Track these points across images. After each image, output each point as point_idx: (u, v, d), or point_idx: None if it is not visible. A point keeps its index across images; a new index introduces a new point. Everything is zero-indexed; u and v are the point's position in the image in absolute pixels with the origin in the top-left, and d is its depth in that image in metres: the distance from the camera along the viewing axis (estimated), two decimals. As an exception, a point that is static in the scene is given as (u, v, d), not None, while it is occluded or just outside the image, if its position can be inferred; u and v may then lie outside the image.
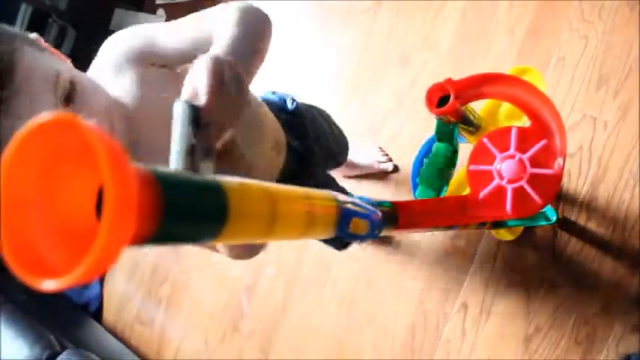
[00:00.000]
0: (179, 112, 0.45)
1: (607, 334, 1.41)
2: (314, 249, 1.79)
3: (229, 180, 0.33)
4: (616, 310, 1.40)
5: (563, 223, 1.44)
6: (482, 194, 0.58)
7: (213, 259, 1.97)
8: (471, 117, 0.72)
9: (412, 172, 0.83)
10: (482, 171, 0.58)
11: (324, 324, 1.77)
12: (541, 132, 0.57)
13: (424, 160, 0.71)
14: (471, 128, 0.73)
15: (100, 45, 0.76)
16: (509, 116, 0.81)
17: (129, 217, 0.23)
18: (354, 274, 1.73)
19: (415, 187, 0.78)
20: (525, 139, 0.56)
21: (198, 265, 2.01)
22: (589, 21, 1.44)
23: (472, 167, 0.59)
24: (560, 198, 1.44)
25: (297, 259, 1.83)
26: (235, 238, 0.33)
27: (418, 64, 1.66)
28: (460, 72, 1.60)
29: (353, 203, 0.44)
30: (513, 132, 0.56)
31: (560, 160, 0.55)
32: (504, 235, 1.36)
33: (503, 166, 0.56)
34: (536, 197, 0.54)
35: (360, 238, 0.45)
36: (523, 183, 0.55)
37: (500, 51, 1.54)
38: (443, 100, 0.65)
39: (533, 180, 0.55)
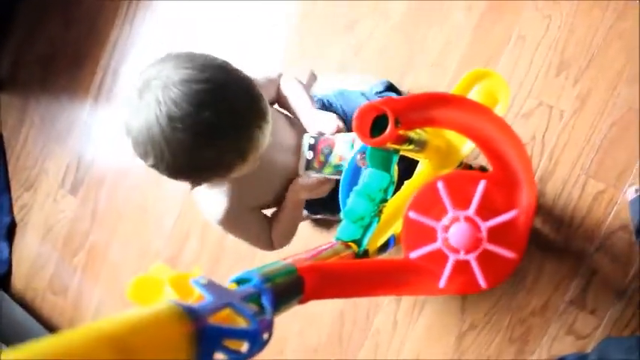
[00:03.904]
0: (307, 139, 0.96)
1: (542, 334, 1.35)
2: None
3: None
4: (553, 311, 1.34)
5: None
6: (415, 254, 0.45)
7: (133, 228, 1.81)
8: (413, 135, 0.57)
9: (341, 195, 0.69)
10: (425, 225, 0.44)
11: (250, 305, 1.66)
12: (505, 182, 0.44)
13: (353, 190, 0.57)
14: (414, 147, 0.59)
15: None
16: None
17: None
18: (284, 253, 1.61)
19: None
20: (490, 197, 0.42)
21: (118, 234, 1.84)
22: (555, 0, 1.31)
23: (412, 215, 0.45)
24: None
25: (223, 234, 1.68)
26: None
27: (365, 30, 1.49)
28: (410, 44, 1.47)
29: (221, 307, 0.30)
30: (480, 187, 0.41)
31: (522, 244, 0.43)
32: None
33: (453, 229, 0.43)
34: (481, 280, 0.41)
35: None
36: (471, 258, 0.42)
37: (457, 24, 1.39)
38: (379, 122, 0.50)
39: (485, 257, 0.42)
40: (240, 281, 0.38)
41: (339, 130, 0.96)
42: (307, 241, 1.58)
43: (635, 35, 1.25)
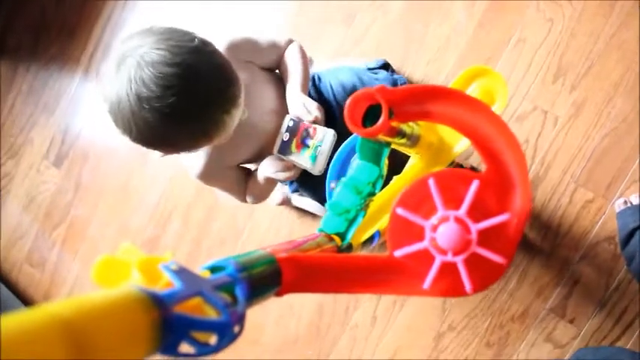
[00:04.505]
0: (287, 121, 0.95)
1: (520, 340, 1.35)
2: (227, 207, 1.62)
3: None
4: (532, 318, 1.33)
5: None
6: (400, 252, 0.43)
7: (115, 205, 1.78)
8: (406, 128, 0.55)
9: (327, 187, 0.67)
10: (412, 223, 0.42)
11: (229, 291, 1.64)
12: (498, 184, 0.42)
13: (340, 180, 0.55)
14: (406, 141, 0.56)
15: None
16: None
17: None
18: (267, 242, 1.59)
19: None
20: (482, 198, 0.40)
21: (99, 210, 1.81)
22: (558, 3, 1.29)
23: (400, 211, 0.43)
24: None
25: (207, 216, 1.66)
26: None
27: (363, 23, 1.46)
28: (408, 39, 1.44)
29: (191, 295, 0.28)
30: (473, 188, 0.39)
31: (512, 249, 0.41)
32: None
33: (442, 229, 0.41)
34: (467, 283, 0.39)
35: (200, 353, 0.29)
36: (458, 260, 0.40)
37: (457, 22, 1.37)
38: (372, 112, 0.48)
39: (473, 261, 0.40)
40: (214, 269, 0.36)
41: (316, 122, 0.95)
42: (292, 228, 1.56)
43: (635, 46, 1.24)
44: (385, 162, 0.54)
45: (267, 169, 1.03)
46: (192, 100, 0.76)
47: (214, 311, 0.30)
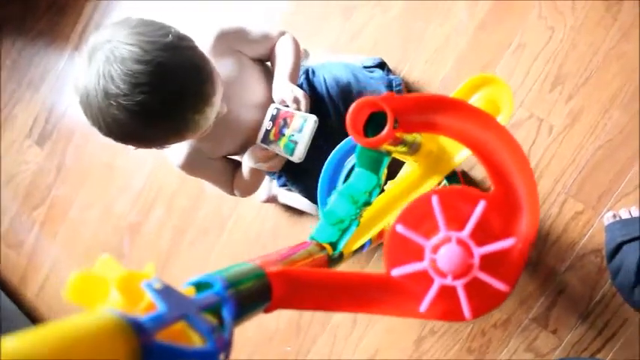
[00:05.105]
0: (271, 110, 0.93)
1: (501, 347, 1.34)
2: (213, 196, 1.59)
3: None
4: (515, 326, 1.33)
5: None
6: (398, 272, 0.41)
7: (98, 189, 1.74)
8: (408, 136, 0.53)
9: (320, 191, 0.64)
10: (412, 241, 0.40)
11: (210, 282, 1.61)
12: (505, 205, 0.39)
13: (337, 188, 0.52)
14: (407, 150, 0.54)
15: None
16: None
17: None
18: (252, 233, 1.57)
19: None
20: (486, 218, 0.38)
21: (82, 192, 1.76)
22: (560, 12, 1.27)
23: (400, 229, 0.40)
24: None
25: (192, 205, 1.63)
26: None
27: (362, 18, 1.43)
28: (407, 37, 1.42)
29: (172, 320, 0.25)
30: (479, 209, 0.37)
31: (515, 276, 0.39)
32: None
33: (443, 251, 0.39)
34: (466, 309, 0.37)
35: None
36: (459, 285, 0.38)
37: (458, 22, 1.35)
38: (374, 119, 0.46)
39: (473, 285, 0.38)
40: (200, 285, 0.33)
41: (299, 108, 0.93)
42: (278, 221, 1.54)
43: (634, 60, 1.23)
44: (384, 171, 0.52)
45: (249, 159, 1.00)
46: (161, 99, 0.73)
47: (199, 337, 0.28)
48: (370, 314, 0.39)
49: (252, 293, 0.36)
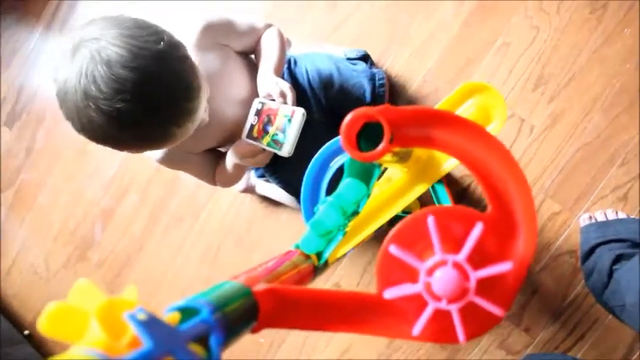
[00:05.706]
0: (255, 104, 0.92)
1: (473, 345, 1.35)
2: (189, 184, 1.56)
3: None
4: (489, 324, 1.33)
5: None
6: (390, 294, 0.39)
7: (69, 172, 1.69)
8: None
9: (303, 198, 0.62)
10: (405, 263, 0.38)
11: (183, 271, 1.59)
12: (501, 226, 0.38)
13: (326, 199, 0.50)
14: (398, 159, 0.52)
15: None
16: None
17: None
18: (227, 223, 1.54)
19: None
20: (483, 240, 0.37)
21: (52, 176, 1.71)
22: (546, 12, 1.27)
23: (394, 250, 0.39)
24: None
25: (166, 192, 1.60)
26: None
27: (347, 8, 1.41)
28: (392, 30, 1.40)
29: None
30: (476, 232, 0.36)
31: (510, 299, 0.38)
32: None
33: (439, 275, 0.37)
34: (460, 333, 0.36)
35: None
36: (454, 309, 0.37)
37: (444, 18, 1.33)
38: (366, 130, 0.44)
39: (468, 310, 0.37)
40: (184, 310, 0.31)
41: (285, 101, 0.91)
42: (254, 212, 1.52)
43: (616, 63, 1.23)
44: (374, 183, 0.50)
45: (234, 155, 0.98)
46: (142, 109, 0.70)
47: (185, 371, 0.26)
48: (360, 334, 0.38)
49: (240, 315, 0.34)
